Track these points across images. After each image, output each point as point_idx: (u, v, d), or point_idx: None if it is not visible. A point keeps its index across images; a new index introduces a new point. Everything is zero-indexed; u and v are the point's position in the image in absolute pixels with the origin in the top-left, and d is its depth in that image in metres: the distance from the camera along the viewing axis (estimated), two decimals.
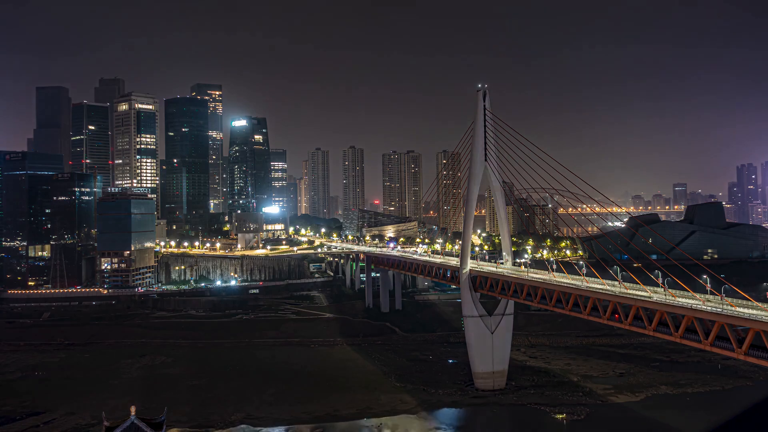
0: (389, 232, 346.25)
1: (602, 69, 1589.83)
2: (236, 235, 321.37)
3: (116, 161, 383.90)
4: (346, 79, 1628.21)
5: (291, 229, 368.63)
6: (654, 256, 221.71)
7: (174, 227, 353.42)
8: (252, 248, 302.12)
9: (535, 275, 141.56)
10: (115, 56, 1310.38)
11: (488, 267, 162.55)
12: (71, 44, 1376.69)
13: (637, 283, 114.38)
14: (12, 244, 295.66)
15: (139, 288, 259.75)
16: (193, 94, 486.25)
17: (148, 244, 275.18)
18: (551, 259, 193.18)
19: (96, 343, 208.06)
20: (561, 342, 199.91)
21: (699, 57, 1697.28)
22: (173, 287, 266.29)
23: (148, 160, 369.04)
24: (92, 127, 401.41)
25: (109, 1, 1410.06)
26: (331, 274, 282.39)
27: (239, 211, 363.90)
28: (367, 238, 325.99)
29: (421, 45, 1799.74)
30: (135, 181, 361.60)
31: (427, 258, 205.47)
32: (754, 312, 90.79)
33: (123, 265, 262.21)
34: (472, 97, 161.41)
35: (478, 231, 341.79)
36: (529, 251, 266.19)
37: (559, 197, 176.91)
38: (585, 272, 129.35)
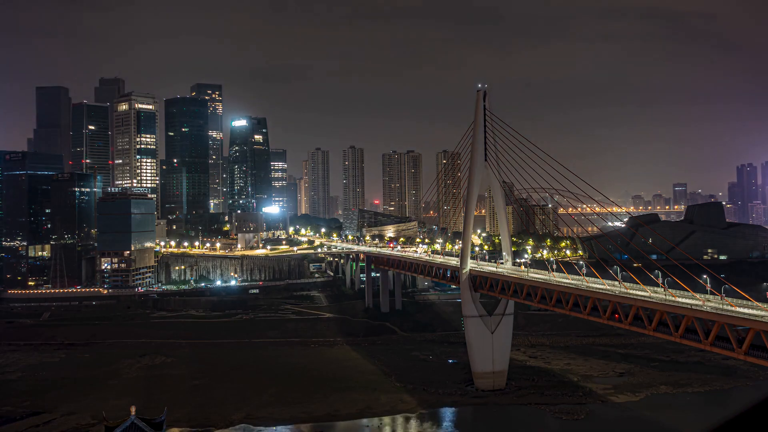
0: (389, 232, 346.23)
1: (602, 68, 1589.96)
2: (236, 235, 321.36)
3: (116, 161, 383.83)
4: (346, 78, 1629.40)
5: (291, 229, 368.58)
6: (654, 256, 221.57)
7: (174, 227, 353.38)
8: (252, 248, 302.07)
9: (535, 275, 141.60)
10: (115, 56, 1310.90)
11: (488, 267, 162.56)
12: (71, 44, 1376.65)
13: (637, 283, 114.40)
14: (12, 244, 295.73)
15: (139, 288, 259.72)
16: (193, 94, 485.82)
17: (148, 244, 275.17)
18: (551, 259, 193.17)
19: (96, 343, 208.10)
20: (561, 342, 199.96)
21: (699, 56, 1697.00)
22: (173, 287, 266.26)
23: (148, 160, 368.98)
24: (92, 127, 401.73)
25: (110, 0, 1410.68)
26: (331, 274, 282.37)
27: (239, 211, 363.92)
28: (367, 238, 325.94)
29: (422, 43, 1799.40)
30: (135, 181, 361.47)
31: (427, 258, 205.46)
32: (754, 312, 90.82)
33: (123, 265, 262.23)
34: (472, 96, 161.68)
35: (478, 231, 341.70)
36: (529, 251, 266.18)
37: (559, 197, 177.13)
38: (585, 272, 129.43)
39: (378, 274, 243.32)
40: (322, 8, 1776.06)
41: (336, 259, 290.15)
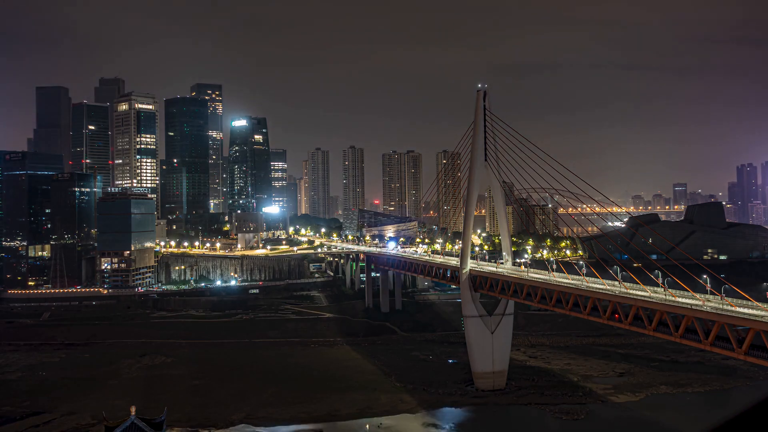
0: (389, 232, 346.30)
1: (602, 69, 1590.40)
2: (236, 235, 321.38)
3: (116, 161, 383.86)
4: (346, 78, 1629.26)
5: (291, 229, 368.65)
6: (654, 256, 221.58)
7: (174, 227, 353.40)
8: (252, 248, 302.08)
9: (535, 275, 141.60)
10: (115, 56, 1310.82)
11: (488, 267, 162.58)
12: (71, 44, 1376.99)
13: (637, 283, 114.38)
14: (12, 244, 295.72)
15: (139, 288, 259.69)
16: (193, 94, 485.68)
17: (148, 244, 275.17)
18: (551, 259, 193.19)
19: (96, 343, 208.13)
20: (561, 342, 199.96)
21: (699, 57, 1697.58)
22: (173, 287, 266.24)
23: (148, 160, 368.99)
24: (92, 127, 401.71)
25: (109, 0, 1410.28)
26: (331, 274, 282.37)
27: (239, 211, 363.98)
28: (367, 238, 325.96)
29: (422, 44, 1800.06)
30: (135, 181, 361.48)
31: (427, 258, 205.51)
32: (754, 312, 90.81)
33: (123, 265, 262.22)
34: (472, 96, 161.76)
35: (478, 231, 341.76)
36: (529, 251, 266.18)
37: (559, 197, 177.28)
38: (585, 272, 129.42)
39: (378, 274, 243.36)
40: (322, 9, 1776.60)
41: (336, 259, 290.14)
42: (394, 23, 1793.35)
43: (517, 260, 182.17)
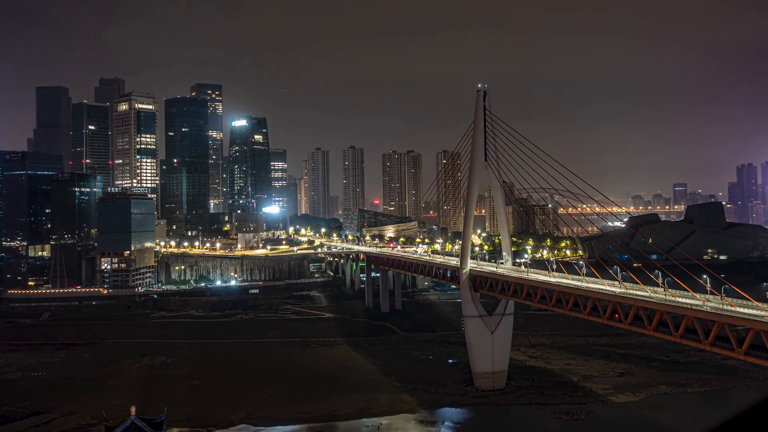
0: (389, 232, 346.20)
1: (601, 68, 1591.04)
2: (236, 235, 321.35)
3: (116, 161, 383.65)
4: (346, 78, 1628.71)
5: (291, 229, 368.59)
6: (654, 256, 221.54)
7: (174, 227, 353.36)
8: (252, 248, 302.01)
9: (535, 275, 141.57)
10: (115, 56, 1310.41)
11: (488, 267, 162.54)
12: (71, 44, 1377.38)
13: (637, 283, 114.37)
14: (12, 244, 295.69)
15: (139, 288, 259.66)
16: (193, 94, 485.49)
17: (148, 244, 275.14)
18: (551, 259, 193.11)
19: (96, 343, 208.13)
20: (561, 342, 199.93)
21: (699, 57, 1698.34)
22: (173, 287, 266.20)
23: (148, 160, 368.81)
24: (92, 127, 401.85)
25: (109, 1, 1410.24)
26: (331, 274, 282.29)
27: (239, 211, 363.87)
28: (367, 238, 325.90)
29: (422, 43, 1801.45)
30: (135, 181, 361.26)
31: (427, 258, 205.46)
32: (754, 312, 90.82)
33: (123, 265, 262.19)
34: (472, 96, 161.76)
35: (478, 231, 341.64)
36: (529, 251, 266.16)
37: (559, 197, 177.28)
38: (585, 272, 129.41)
39: (378, 274, 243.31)
40: (322, 10, 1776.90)
41: (336, 259, 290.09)
42: (395, 22, 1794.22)
43: (517, 260, 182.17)
